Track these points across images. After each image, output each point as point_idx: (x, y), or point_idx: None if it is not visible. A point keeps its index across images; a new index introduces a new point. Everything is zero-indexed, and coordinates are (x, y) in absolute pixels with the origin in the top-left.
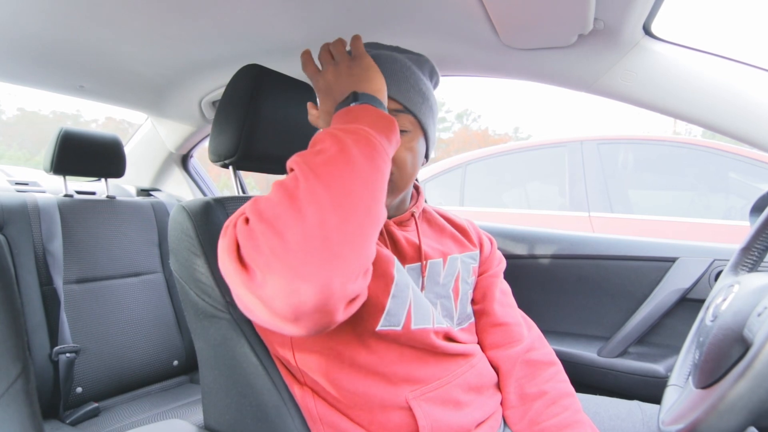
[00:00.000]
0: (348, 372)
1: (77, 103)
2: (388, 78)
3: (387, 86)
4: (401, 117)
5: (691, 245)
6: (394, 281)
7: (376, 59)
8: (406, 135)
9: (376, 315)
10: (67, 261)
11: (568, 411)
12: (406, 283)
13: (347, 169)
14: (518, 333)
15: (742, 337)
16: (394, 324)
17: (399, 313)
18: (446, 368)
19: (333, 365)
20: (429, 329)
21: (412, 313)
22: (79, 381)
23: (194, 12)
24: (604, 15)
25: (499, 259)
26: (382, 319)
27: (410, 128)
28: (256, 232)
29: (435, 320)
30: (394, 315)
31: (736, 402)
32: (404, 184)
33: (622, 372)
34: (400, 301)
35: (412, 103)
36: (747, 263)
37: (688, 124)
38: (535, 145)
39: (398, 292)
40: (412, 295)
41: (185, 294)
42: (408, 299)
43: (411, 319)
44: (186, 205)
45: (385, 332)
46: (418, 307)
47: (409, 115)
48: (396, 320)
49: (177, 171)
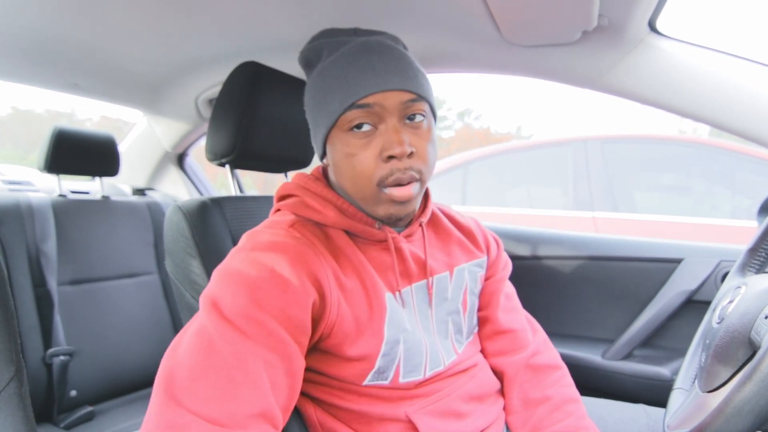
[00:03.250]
0: (340, 397)
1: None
2: (395, 68)
3: (397, 78)
4: (418, 105)
5: (696, 246)
6: (384, 340)
7: (368, 50)
8: (425, 125)
9: (364, 373)
10: (61, 262)
11: (572, 417)
12: (397, 338)
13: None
14: (523, 339)
15: (749, 340)
16: (381, 379)
17: (388, 369)
18: (445, 383)
19: (324, 392)
20: (417, 381)
21: (401, 368)
22: (74, 384)
23: (190, 8)
24: (608, 11)
25: (505, 263)
26: (370, 375)
27: (426, 115)
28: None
29: (428, 366)
30: (383, 372)
31: (743, 406)
32: (428, 180)
33: (626, 375)
34: (389, 359)
35: (423, 89)
36: (754, 264)
37: (694, 123)
38: (538, 144)
39: (388, 350)
40: (402, 349)
41: (181, 295)
42: (397, 355)
43: (399, 374)
44: (182, 205)
45: (372, 385)
46: (408, 360)
47: (424, 102)
48: (384, 376)
49: (173, 170)
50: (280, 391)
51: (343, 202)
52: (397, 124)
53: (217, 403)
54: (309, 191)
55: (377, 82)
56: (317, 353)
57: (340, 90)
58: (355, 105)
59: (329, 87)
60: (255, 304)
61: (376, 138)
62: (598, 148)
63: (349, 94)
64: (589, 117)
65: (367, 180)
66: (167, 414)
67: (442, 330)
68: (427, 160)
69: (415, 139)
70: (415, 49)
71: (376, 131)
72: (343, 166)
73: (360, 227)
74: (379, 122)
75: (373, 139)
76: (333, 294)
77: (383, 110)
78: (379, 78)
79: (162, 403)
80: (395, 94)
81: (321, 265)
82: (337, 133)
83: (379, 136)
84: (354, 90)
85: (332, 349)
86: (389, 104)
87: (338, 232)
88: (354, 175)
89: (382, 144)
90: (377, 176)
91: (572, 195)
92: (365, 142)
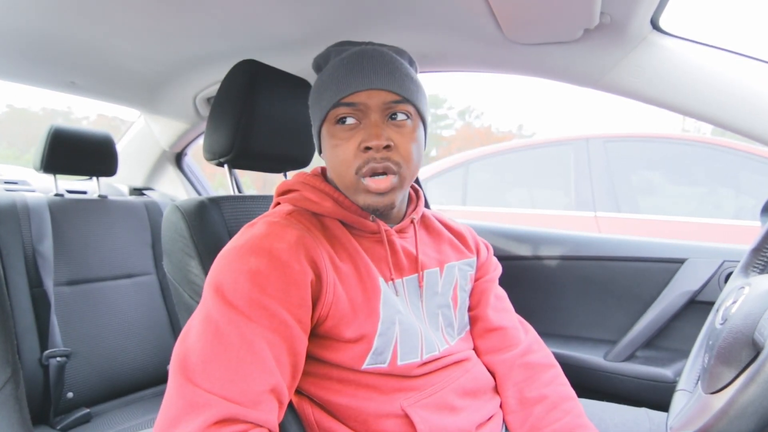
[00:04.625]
0: (337, 390)
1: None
2: (381, 71)
3: (381, 79)
4: (401, 106)
5: (700, 246)
6: (380, 319)
7: (362, 55)
8: (408, 124)
9: (363, 355)
10: (57, 262)
11: (570, 415)
12: (392, 319)
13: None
14: (514, 337)
15: (753, 341)
16: (380, 362)
17: (386, 350)
18: (440, 375)
19: (322, 386)
20: (415, 363)
21: (398, 349)
22: (70, 386)
23: (188, 5)
24: (610, 9)
25: (495, 265)
26: (368, 357)
27: (411, 117)
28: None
29: (424, 349)
30: (381, 353)
31: (746, 407)
32: (411, 177)
33: (629, 377)
34: (386, 339)
35: (409, 92)
36: (758, 264)
37: (697, 122)
38: (540, 143)
39: (385, 329)
40: (398, 330)
41: (179, 296)
42: (394, 335)
43: (397, 355)
44: (180, 204)
45: (371, 369)
46: (404, 342)
47: (408, 104)
48: (382, 358)
49: (171, 170)
50: (284, 369)
51: (339, 194)
52: (378, 120)
53: (231, 382)
54: (308, 185)
55: (363, 82)
56: (316, 339)
57: (331, 88)
58: (341, 102)
59: (324, 86)
60: (257, 288)
61: (358, 132)
62: (600, 147)
63: (338, 91)
64: (591, 116)
65: (347, 169)
66: (187, 395)
67: (433, 322)
68: (408, 157)
69: (397, 136)
70: (415, 48)
71: (359, 126)
72: (329, 156)
73: (354, 218)
74: (363, 118)
75: (356, 133)
76: (329, 275)
77: (367, 108)
78: (365, 78)
79: (180, 385)
80: (379, 93)
81: (317, 248)
82: (327, 126)
83: (361, 130)
84: (342, 88)
85: (330, 332)
86: (373, 103)
87: (334, 222)
88: (337, 164)
89: (362, 137)
90: (355, 165)
91: (574, 195)
92: (349, 135)
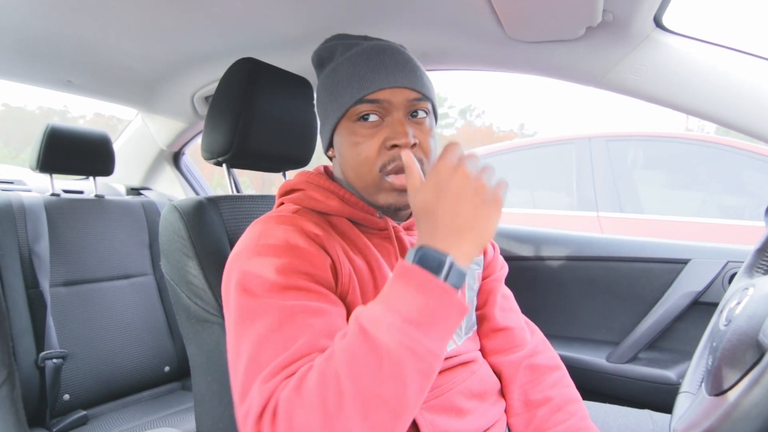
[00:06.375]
0: None
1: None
2: (403, 68)
3: (406, 77)
4: (422, 104)
5: (703, 246)
6: None
7: (380, 51)
8: (427, 121)
9: None
10: (53, 263)
11: (574, 417)
12: None
13: (401, 403)
14: (521, 337)
15: (757, 342)
16: None
17: None
18: (446, 376)
19: None
20: None
21: None
22: (67, 388)
23: (187, 3)
24: (613, 6)
25: (502, 264)
26: None
27: (429, 113)
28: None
29: None
30: None
31: (750, 409)
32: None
33: (632, 378)
34: None
35: (427, 89)
36: (762, 265)
37: (700, 121)
38: (542, 142)
39: None
40: None
41: (177, 297)
42: None
43: None
44: (178, 204)
45: None
46: None
47: (427, 101)
48: None
49: (168, 169)
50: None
51: (345, 192)
52: (402, 118)
53: (288, 351)
54: (313, 184)
55: (388, 80)
56: None
57: (353, 84)
58: (365, 99)
59: (342, 81)
60: (282, 274)
61: (382, 129)
62: (603, 147)
63: (361, 88)
64: (593, 115)
65: (370, 166)
66: (252, 378)
67: None
68: (429, 153)
69: (418, 133)
70: (416, 46)
71: (383, 123)
72: (348, 153)
73: (361, 215)
74: (385, 115)
75: (379, 130)
76: (344, 266)
77: (391, 105)
78: (390, 76)
79: (248, 371)
80: (403, 91)
81: (330, 240)
82: (345, 123)
83: (385, 128)
84: (366, 84)
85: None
86: (396, 100)
87: (341, 220)
88: (358, 162)
89: (387, 134)
90: (379, 163)
91: (576, 194)
92: (372, 132)
